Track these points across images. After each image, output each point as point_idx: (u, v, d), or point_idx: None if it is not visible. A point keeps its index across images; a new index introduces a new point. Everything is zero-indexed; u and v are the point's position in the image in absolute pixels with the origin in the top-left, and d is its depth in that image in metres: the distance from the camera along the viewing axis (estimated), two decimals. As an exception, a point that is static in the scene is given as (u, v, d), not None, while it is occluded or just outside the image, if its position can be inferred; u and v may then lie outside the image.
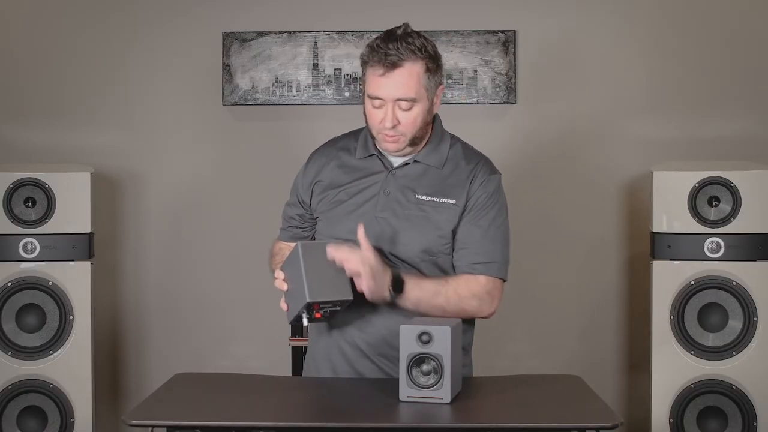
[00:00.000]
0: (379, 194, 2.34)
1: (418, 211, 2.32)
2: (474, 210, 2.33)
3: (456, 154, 2.39)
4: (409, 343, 2.06)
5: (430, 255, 2.32)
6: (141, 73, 4.01)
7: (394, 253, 2.31)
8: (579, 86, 3.96)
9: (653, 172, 3.47)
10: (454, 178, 2.35)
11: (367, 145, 2.39)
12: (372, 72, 2.25)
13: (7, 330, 3.50)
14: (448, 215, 2.32)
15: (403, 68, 2.23)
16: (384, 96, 2.24)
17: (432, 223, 2.31)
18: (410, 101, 2.24)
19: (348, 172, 2.39)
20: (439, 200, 2.32)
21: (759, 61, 3.92)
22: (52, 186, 3.51)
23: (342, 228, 2.33)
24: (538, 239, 3.97)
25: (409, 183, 2.34)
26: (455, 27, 3.91)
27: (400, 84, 2.23)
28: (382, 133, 2.28)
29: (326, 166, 2.42)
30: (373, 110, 2.28)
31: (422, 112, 2.27)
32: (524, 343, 4.00)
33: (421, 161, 2.35)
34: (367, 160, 2.39)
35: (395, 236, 2.31)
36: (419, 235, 2.31)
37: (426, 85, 2.26)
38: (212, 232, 4.01)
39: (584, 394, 2.21)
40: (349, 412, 2.03)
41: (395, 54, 2.22)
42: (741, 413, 3.40)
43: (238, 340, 4.00)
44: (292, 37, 3.95)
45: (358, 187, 2.36)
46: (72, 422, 3.50)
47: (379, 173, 2.36)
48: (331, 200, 2.38)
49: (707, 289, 3.42)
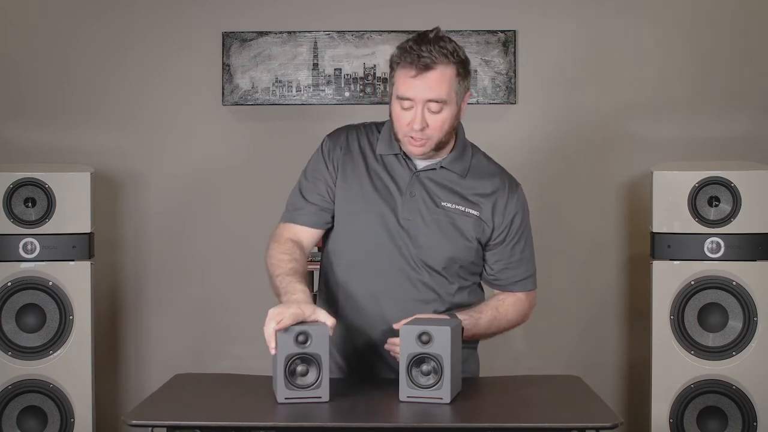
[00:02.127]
0: (405, 195, 2.31)
1: (445, 217, 2.31)
2: (510, 232, 2.37)
3: (478, 164, 2.38)
4: (409, 343, 2.06)
5: (455, 262, 2.32)
6: (141, 73, 4.01)
7: (422, 257, 2.30)
8: (579, 86, 3.96)
9: (653, 172, 3.47)
10: (477, 190, 2.34)
11: (391, 142, 2.34)
12: (403, 73, 2.23)
13: (7, 330, 3.50)
14: (474, 225, 2.32)
15: (435, 71, 2.21)
16: (414, 97, 2.21)
17: (458, 232, 2.31)
18: (441, 103, 2.22)
19: (371, 165, 2.35)
20: (464, 209, 2.32)
21: (759, 61, 3.92)
22: (52, 186, 3.51)
23: (365, 225, 2.31)
24: (538, 239, 3.92)
25: (434, 188, 2.32)
26: (455, 27, 3.91)
27: (431, 86, 2.21)
28: (408, 136, 2.25)
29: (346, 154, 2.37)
30: (402, 112, 2.24)
31: (450, 116, 2.25)
32: (524, 343, 4.00)
33: (447, 167, 2.33)
34: (389, 157, 2.35)
35: (422, 240, 2.30)
36: (447, 242, 2.31)
37: (456, 90, 2.24)
38: (212, 232, 4.01)
39: (584, 394, 2.21)
40: (349, 412, 2.03)
41: (428, 56, 2.20)
42: (741, 413, 3.40)
43: (238, 340, 3.99)
44: (292, 37, 3.95)
45: (381, 184, 2.33)
46: (72, 422, 3.50)
47: (402, 173, 2.33)
48: (354, 192, 2.34)
49: (707, 289, 3.42)
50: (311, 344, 2.04)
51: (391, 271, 2.31)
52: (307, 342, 2.04)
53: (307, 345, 2.04)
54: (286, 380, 2.04)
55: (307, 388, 2.05)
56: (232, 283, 4.01)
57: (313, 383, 2.05)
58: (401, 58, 2.23)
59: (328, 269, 2.41)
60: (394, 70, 2.26)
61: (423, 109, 2.22)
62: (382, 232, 2.30)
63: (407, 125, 2.23)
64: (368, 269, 2.32)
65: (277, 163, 3.88)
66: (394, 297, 2.30)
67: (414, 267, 2.30)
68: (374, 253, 2.31)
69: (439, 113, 2.23)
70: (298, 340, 2.05)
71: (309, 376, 2.05)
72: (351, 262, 2.35)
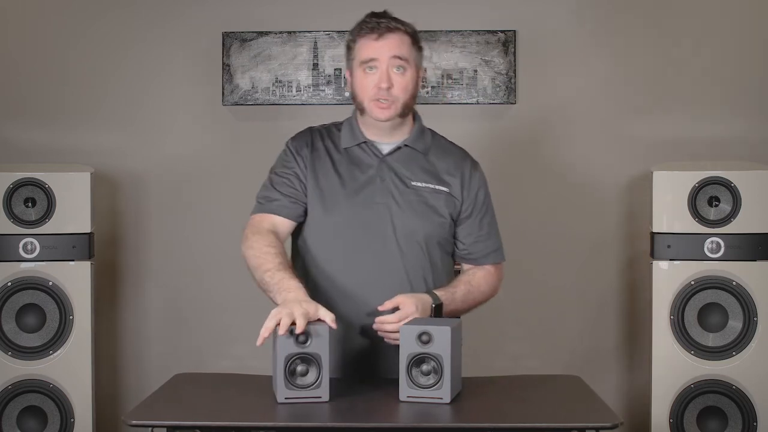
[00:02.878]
0: (375, 181, 2.39)
1: (416, 196, 2.39)
2: (476, 205, 2.46)
3: (438, 143, 2.50)
4: (409, 343, 2.06)
5: (432, 239, 2.41)
6: (141, 73, 4.01)
7: (398, 239, 2.36)
8: (579, 86, 3.96)
9: (653, 172, 3.47)
10: (442, 167, 2.45)
11: (354, 133, 2.45)
12: (364, 42, 2.37)
13: (7, 330, 3.50)
14: (445, 201, 2.42)
15: (395, 33, 2.37)
16: (379, 56, 2.34)
17: (431, 209, 2.40)
18: (404, 61, 2.35)
19: (337, 159, 2.43)
20: (433, 186, 2.42)
21: (759, 61, 3.92)
22: (52, 186, 3.51)
23: (339, 214, 2.37)
24: (538, 239, 3.97)
25: (402, 170, 2.41)
26: (455, 27, 3.91)
27: (393, 45, 2.35)
28: (374, 99, 2.35)
29: (313, 153, 2.45)
30: (366, 77, 2.36)
31: (412, 80, 2.38)
32: (524, 343, 4.00)
33: (409, 145, 2.43)
34: (354, 149, 2.44)
35: (398, 222, 2.37)
36: (421, 220, 2.38)
37: (414, 56, 2.39)
38: (212, 232, 4.01)
39: (584, 394, 2.21)
40: (349, 412, 2.03)
41: (386, 22, 2.37)
42: (741, 413, 3.40)
43: (238, 340, 3.99)
44: (292, 37, 3.95)
45: (350, 175, 2.40)
46: (72, 422, 3.50)
47: (370, 161, 2.41)
48: (324, 187, 2.40)
49: (707, 289, 3.42)
50: (311, 344, 2.04)
51: (370, 258, 2.36)
52: (307, 342, 2.05)
53: (307, 345, 2.05)
54: (286, 380, 2.04)
55: (307, 388, 2.05)
56: (232, 283, 4.01)
57: (313, 383, 2.05)
58: (360, 31, 2.38)
59: (305, 267, 2.44)
60: (354, 46, 2.40)
61: (388, 69, 2.34)
62: (356, 222, 2.36)
63: (374, 87, 2.35)
64: (347, 260, 2.37)
65: (277, 163, 3.87)
66: (375, 283, 2.34)
67: (392, 249, 2.36)
68: (352, 244, 2.37)
69: (403, 75, 2.35)
70: (298, 340, 2.05)
71: (309, 376, 2.05)
72: (329, 257, 2.40)
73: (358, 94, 2.39)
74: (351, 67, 2.42)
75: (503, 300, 3.94)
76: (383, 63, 2.34)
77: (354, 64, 2.40)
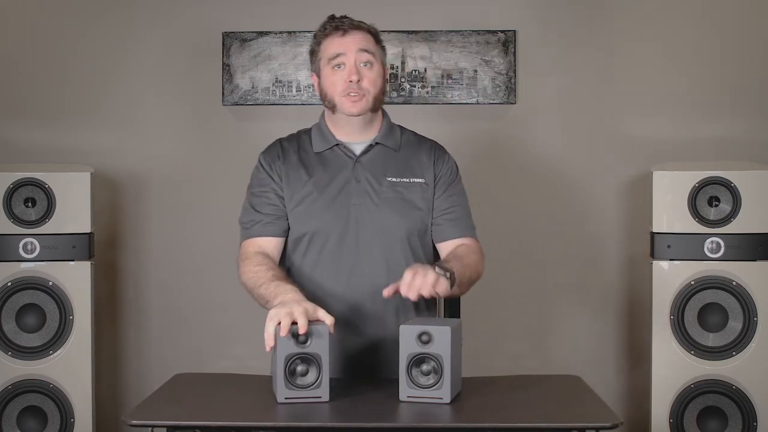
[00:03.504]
0: (351, 182, 2.40)
1: (393, 193, 2.41)
2: (446, 186, 2.47)
3: (408, 138, 2.53)
4: (409, 343, 2.06)
5: (413, 233, 2.42)
6: (141, 73, 4.01)
7: (380, 238, 2.38)
8: (579, 86, 3.96)
9: (653, 172, 3.47)
10: (416, 159, 2.47)
11: (325, 137, 2.47)
12: (330, 40, 2.41)
13: (7, 330, 3.50)
14: (421, 193, 2.44)
15: (359, 30, 2.43)
16: (346, 50, 2.38)
17: (409, 203, 2.41)
18: (370, 54, 2.39)
19: (310, 166, 2.45)
20: (409, 180, 2.44)
21: (759, 61, 3.92)
22: (52, 186, 3.51)
23: (318, 221, 2.39)
24: (538, 239, 3.97)
25: (376, 168, 2.43)
26: (455, 27, 3.91)
27: (358, 40, 2.40)
28: (345, 94, 2.38)
29: (285, 163, 2.46)
30: (335, 73, 2.40)
31: (379, 74, 2.42)
32: (524, 343, 4.00)
33: (381, 142, 2.46)
34: (326, 153, 2.46)
35: (376, 221, 2.38)
36: (400, 216, 2.40)
37: (379, 53, 2.44)
38: (212, 232, 4.01)
39: (584, 394, 2.21)
40: (349, 412, 2.03)
41: (349, 21, 2.43)
42: (741, 413, 3.40)
43: (238, 340, 3.99)
44: (292, 37, 3.95)
45: (326, 180, 2.42)
46: (72, 422, 3.50)
47: (344, 163, 2.43)
48: (302, 195, 2.42)
49: (707, 289, 3.42)
50: (311, 344, 2.04)
51: (357, 260, 2.37)
52: (307, 342, 2.05)
53: (307, 345, 2.05)
54: (286, 380, 2.04)
55: (307, 388, 2.05)
56: (232, 283, 3.97)
57: (313, 383, 2.05)
58: (325, 32, 2.43)
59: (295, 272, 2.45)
60: (318, 48, 2.44)
61: (356, 63, 2.38)
62: (337, 226, 2.38)
63: (343, 82, 2.38)
64: (333, 266, 2.38)
65: (277, 163, 3.87)
66: (361, 283, 2.36)
67: (377, 249, 2.38)
68: (336, 249, 2.38)
69: (371, 69, 2.40)
70: (299, 340, 2.05)
71: (309, 376, 2.05)
72: (315, 265, 2.40)
73: (328, 91, 2.42)
74: (318, 68, 2.46)
75: (503, 300, 3.96)
76: (351, 57, 2.38)
77: (321, 64, 2.43)
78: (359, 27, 2.43)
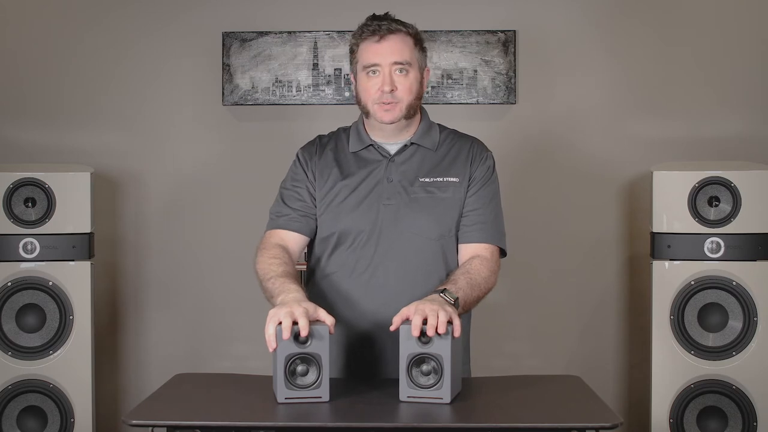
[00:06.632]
0: (383, 182, 2.38)
1: (425, 193, 2.38)
2: (478, 186, 2.41)
3: (448, 137, 2.48)
4: (409, 343, 2.06)
5: (445, 233, 2.38)
6: (141, 73, 4.01)
7: (410, 238, 2.35)
8: (579, 86, 3.96)
9: (653, 172, 3.47)
10: (452, 157, 2.43)
11: (360, 137, 2.44)
12: (366, 45, 2.36)
13: (7, 330, 3.50)
14: (454, 192, 2.39)
15: (396, 35, 2.36)
16: (381, 61, 2.34)
17: (441, 203, 2.38)
18: (406, 65, 2.34)
19: (345, 165, 2.42)
20: (442, 179, 2.40)
21: (759, 61, 3.92)
22: (52, 186, 3.51)
23: (347, 220, 2.36)
24: (538, 239, 3.97)
25: (410, 168, 2.40)
26: (455, 27, 3.91)
27: (395, 49, 2.35)
28: (378, 102, 2.35)
29: (321, 161, 2.45)
30: (369, 81, 2.36)
31: (416, 80, 2.38)
32: (524, 343, 4.00)
33: (416, 143, 2.42)
34: (362, 152, 2.43)
35: (407, 221, 2.35)
36: (431, 216, 2.37)
37: (417, 57, 2.39)
38: (212, 232, 4.02)
39: (584, 394, 2.21)
40: (349, 412, 2.03)
41: (387, 25, 2.36)
42: (741, 413, 3.40)
43: (238, 340, 4.00)
44: (292, 37, 3.95)
45: (358, 179, 2.39)
46: (72, 422, 3.51)
47: (377, 163, 2.41)
48: (334, 194, 2.40)
49: (707, 289, 3.42)
50: (311, 344, 2.04)
51: (385, 260, 2.35)
52: (308, 342, 2.04)
53: (307, 345, 2.04)
54: (286, 380, 2.04)
55: (307, 388, 2.05)
56: (232, 283, 4.01)
57: (313, 383, 2.05)
58: (362, 34, 2.37)
59: (319, 273, 2.43)
60: (356, 50, 2.39)
61: (390, 72, 2.34)
62: (368, 225, 2.35)
63: (377, 91, 2.34)
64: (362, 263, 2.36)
65: (277, 163, 3.87)
66: (393, 283, 2.34)
67: (406, 248, 2.35)
68: (365, 247, 2.36)
69: (406, 76, 2.35)
70: (299, 340, 2.05)
71: (309, 376, 2.05)
72: (343, 262, 2.38)
73: (362, 97, 2.39)
74: (355, 70, 2.42)
75: (503, 300, 3.96)
76: (385, 67, 2.34)
77: (357, 68, 2.40)
78: (397, 30, 2.36)
